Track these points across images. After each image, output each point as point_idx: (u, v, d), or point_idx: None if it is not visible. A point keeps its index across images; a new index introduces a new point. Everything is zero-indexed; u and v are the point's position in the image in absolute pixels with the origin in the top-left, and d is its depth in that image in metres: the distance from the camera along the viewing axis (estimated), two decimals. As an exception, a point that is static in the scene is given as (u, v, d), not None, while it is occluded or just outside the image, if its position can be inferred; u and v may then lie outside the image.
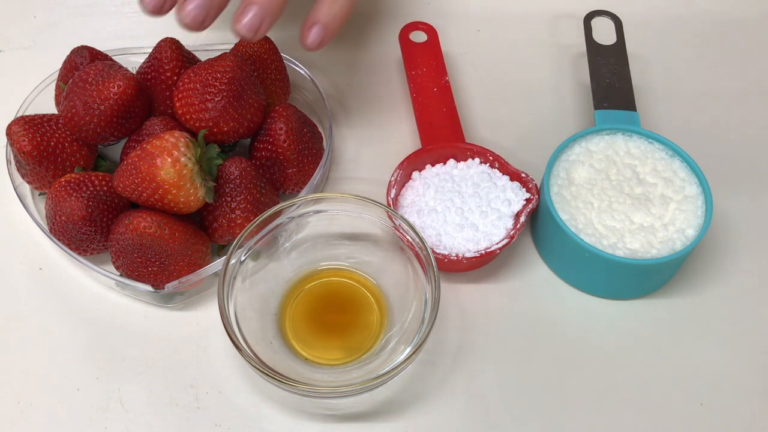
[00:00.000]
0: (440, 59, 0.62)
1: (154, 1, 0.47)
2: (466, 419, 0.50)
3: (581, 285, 0.55)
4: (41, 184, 0.54)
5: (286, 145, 0.54)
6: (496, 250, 0.53)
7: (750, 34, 0.70)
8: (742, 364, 0.52)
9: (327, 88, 0.64)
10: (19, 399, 0.50)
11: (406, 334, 0.50)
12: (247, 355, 0.47)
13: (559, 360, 0.52)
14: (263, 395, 0.50)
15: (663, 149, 0.56)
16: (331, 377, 0.50)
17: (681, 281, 0.55)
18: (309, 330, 0.52)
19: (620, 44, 0.61)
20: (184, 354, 0.52)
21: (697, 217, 0.53)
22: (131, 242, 0.49)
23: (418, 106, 0.60)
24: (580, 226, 0.53)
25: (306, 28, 0.50)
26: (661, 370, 0.52)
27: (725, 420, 0.50)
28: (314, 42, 0.50)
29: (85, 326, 0.53)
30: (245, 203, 0.52)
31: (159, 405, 0.50)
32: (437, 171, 0.57)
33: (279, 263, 0.54)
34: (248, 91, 0.53)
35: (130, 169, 0.49)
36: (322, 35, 0.50)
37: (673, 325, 0.54)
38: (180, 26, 0.47)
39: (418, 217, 0.54)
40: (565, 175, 0.55)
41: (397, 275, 0.53)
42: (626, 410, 0.50)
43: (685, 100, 0.65)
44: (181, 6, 0.47)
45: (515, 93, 0.66)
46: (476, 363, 0.52)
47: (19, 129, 0.52)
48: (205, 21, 0.47)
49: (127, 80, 0.51)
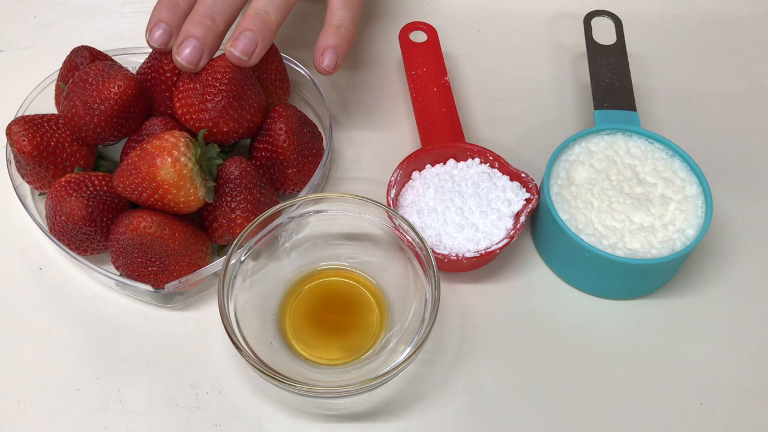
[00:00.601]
0: (440, 59, 0.62)
1: (162, 38, 0.52)
2: (466, 419, 0.50)
3: (581, 285, 0.55)
4: (41, 184, 0.54)
5: (286, 145, 0.54)
6: (496, 250, 0.53)
7: (750, 34, 0.70)
8: (742, 364, 0.52)
9: (327, 88, 0.64)
10: (19, 399, 0.50)
11: (406, 334, 0.50)
12: (247, 355, 0.47)
13: (559, 360, 0.52)
14: (263, 395, 0.50)
15: (663, 149, 0.56)
16: (331, 377, 0.50)
17: (681, 281, 0.55)
18: (309, 330, 0.52)
19: (620, 44, 0.61)
20: (184, 354, 0.52)
21: (697, 217, 0.53)
22: (131, 242, 0.49)
23: (418, 106, 0.60)
24: (580, 226, 0.53)
25: (319, 54, 0.54)
26: (661, 370, 0.52)
27: (725, 420, 0.50)
28: (329, 65, 0.54)
29: (85, 326, 0.53)
30: (245, 203, 0.52)
31: (159, 405, 0.50)
32: (437, 171, 0.57)
33: (279, 263, 0.54)
34: (248, 91, 0.53)
35: (130, 169, 0.49)
36: (335, 58, 0.54)
37: (673, 325, 0.54)
38: (176, 65, 0.51)
39: (418, 217, 0.54)
40: (565, 175, 0.55)
41: (397, 275, 0.53)
42: (626, 410, 0.50)
43: (685, 99, 0.65)
44: (178, 47, 0.51)
45: (515, 93, 0.66)
46: (476, 363, 0.52)
47: (19, 129, 0.52)
48: (200, 62, 0.51)
49: (127, 80, 0.51)
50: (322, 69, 0.55)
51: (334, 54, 0.54)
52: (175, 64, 0.51)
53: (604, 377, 0.51)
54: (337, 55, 0.54)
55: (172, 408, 0.50)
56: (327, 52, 0.54)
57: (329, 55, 0.54)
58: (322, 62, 0.54)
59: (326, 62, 0.54)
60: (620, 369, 0.52)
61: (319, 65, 0.55)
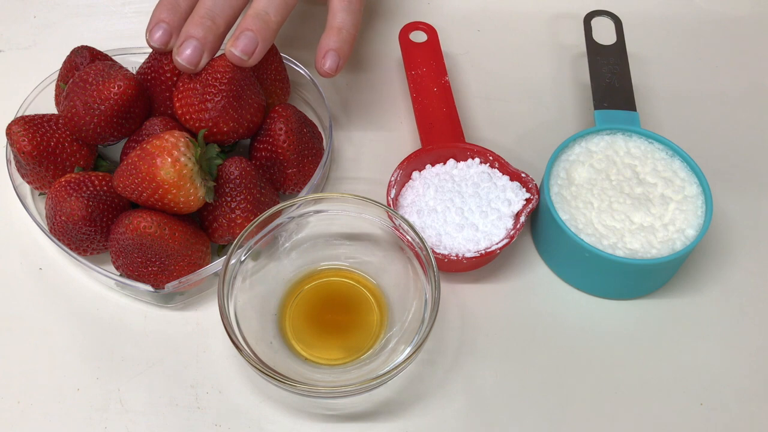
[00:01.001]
0: (440, 59, 0.62)
1: (162, 39, 0.52)
2: (465, 419, 0.50)
3: (581, 285, 0.55)
4: (41, 184, 0.54)
5: (286, 145, 0.54)
6: (496, 250, 0.53)
7: (750, 34, 0.70)
8: (742, 364, 0.52)
9: (327, 88, 0.64)
10: (19, 399, 0.50)
11: (406, 334, 0.50)
12: (247, 355, 0.47)
13: (558, 360, 0.52)
14: (263, 395, 0.50)
15: (663, 149, 0.56)
16: (331, 377, 0.50)
17: (681, 281, 0.55)
18: (309, 330, 0.52)
19: (620, 44, 0.61)
20: (184, 354, 0.52)
21: (697, 217, 0.53)
22: (131, 242, 0.49)
23: (418, 106, 0.60)
24: (580, 226, 0.53)
25: (321, 56, 0.55)
26: (661, 370, 0.52)
27: (725, 420, 0.50)
28: (331, 67, 0.55)
29: (85, 326, 0.53)
30: (245, 203, 0.52)
31: (159, 405, 0.50)
32: (437, 171, 0.57)
33: (279, 263, 0.54)
34: (248, 91, 0.53)
35: (130, 169, 0.49)
36: (337, 60, 0.55)
37: (673, 325, 0.54)
38: (176, 65, 0.51)
39: (418, 217, 0.54)
40: (565, 175, 0.55)
41: (397, 275, 0.53)
42: (626, 410, 0.50)
43: (685, 99, 0.65)
44: (178, 48, 0.51)
45: (515, 93, 0.66)
46: (476, 363, 0.52)
47: (19, 129, 0.52)
48: (200, 62, 0.51)
49: (127, 80, 0.51)
50: (324, 72, 0.55)
51: (335, 56, 0.55)
52: (175, 64, 0.51)
53: (604, 377, 0.51)
54: (338, 57, 0.55)
55: (172, 408, 0.50)
56: (329, 55, 0.55)
57: (331, 58, 0.55)
58: (324, 65, 0.55)
59: (328, 65, 0.55)
60: (620, 369, 0.52)
61: (321, 68, 0.55)
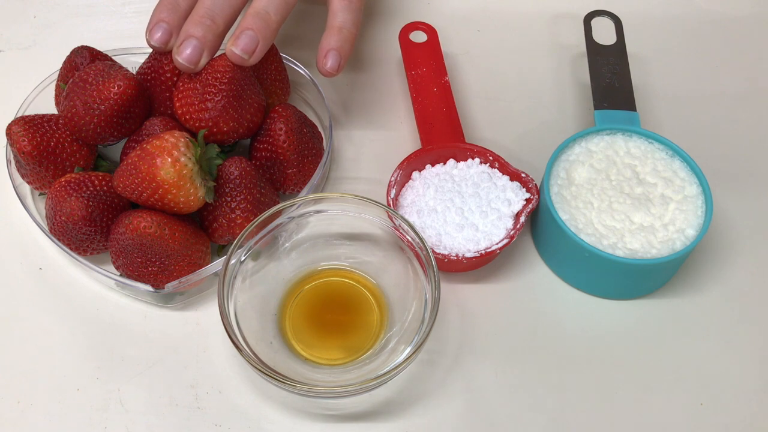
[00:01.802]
0: (440, 59, 0.62)
1: (162, 38, 0.52)
2: (465, 419, 0.50)
3: (581, 285, 0.55)
4: (41, 184, 0.54)
5: (286, 145, 0.54)
6: (496, 250, 0.53)
7: (750, 34, 0.70)
8: (742, 364, 0.52)
9: (327, 88, 0.64)
10: (19, 399, 0.50)
11: (406, 334, 0.50)
12: (247, 355, 0.47)
13: (559, 360, 0.52)
14: (263, 395, 0.50)
15: (663, 149, 0.56)
16: (331, 377, 0.50)
17: (681, 281, 0.55)
18: (309, 330, 0.52)
19: (620, 44, 0.61)
20: (184, 354, 0.52)
21: (697, 217, 0.53)
22: (131, 242, 0.49)
23: (418, 106, 0.60)
24: (580, 226, 0.53)
25: (322, 56, 0.55)
26: (661, 370, 0.52)
27: (725, 420, 0.50)
28: (333, 67, 0.55)
29: (85, 326, 0.53)
30: (245, 203, 0.52)
31: (159, 405, 0.50)
32: (437, 171, 0.57)
33: (279, 263, 0.54)
34: (248, 91, 0.53)
35: (130, 169, 0.49)
36: (338, 60, 0.55)
37: (673, 325, 0.54)
38: (176, 65, 0.51)
39: (418, 217, 0.54)
40: (565, 175, 0.55)
41: (397, 275, 0.53)
42: (626, 410, 0.50)
43: (685, 99, 0.65)
44: (178, 47, 0.51)
45: (515, 93, 0.66)
46: (476, 363, 0.52)
47: (19, 129, 0.52)
48: (200, 62, 0.51)
49: (127, 80, 0.51)
50: (325, 71, 0.55)
51: (336, 56, 0.55)
52: (175, 64, 0.51)
53: (604, 377, 0.51)
54: (339, 57, 0.55)
55: (172, 408, 0.50)
56: (330, 54, 0.55)
57: (332, 57, 0.55)
58: (325, 64, 0.55)
59: (330, 64, 0.55)
60: (620, 369, 0.52)
61: (323, 67, 0.55)
